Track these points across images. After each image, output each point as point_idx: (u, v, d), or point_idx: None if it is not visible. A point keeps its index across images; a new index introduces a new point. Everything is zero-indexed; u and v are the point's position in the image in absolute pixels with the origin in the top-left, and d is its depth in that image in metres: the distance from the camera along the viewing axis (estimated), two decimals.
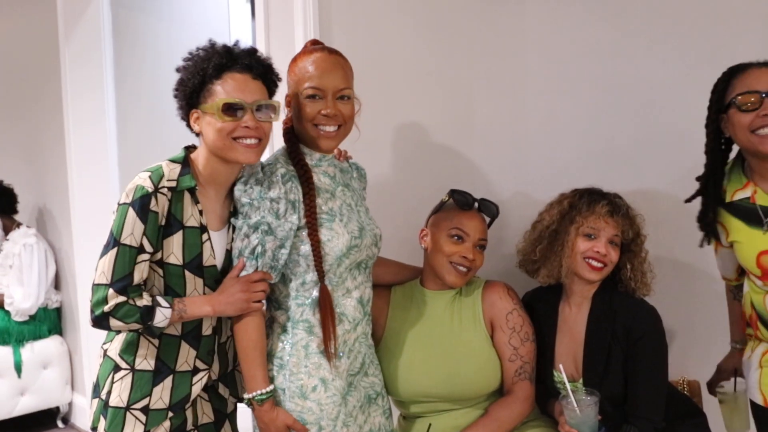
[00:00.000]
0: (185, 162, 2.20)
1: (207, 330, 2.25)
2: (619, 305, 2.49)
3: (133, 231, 2.07)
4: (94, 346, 3.24)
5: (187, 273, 2.17)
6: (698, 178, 2.37)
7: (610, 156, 2.87)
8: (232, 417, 2.42)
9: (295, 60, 2.33)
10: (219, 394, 2.34)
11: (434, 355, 2.52)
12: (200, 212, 2.19)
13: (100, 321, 2.08)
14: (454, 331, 2.55)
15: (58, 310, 5.03)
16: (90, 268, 2.22)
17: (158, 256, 2.14)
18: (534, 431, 2.52)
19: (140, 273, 2.09)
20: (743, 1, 2.69)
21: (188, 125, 2.23)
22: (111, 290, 2.05)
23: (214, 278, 2.21)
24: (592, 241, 2.45)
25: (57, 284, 5.03)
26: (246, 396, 2.24)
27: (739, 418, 2.58)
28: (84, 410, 4.85)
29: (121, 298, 2.06)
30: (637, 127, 2.85)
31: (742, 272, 2.45)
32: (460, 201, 2.56)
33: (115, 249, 2.07)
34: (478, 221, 2.55)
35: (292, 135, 2.32)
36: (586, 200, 2.48)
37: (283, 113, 2.33)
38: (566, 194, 2.55)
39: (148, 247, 2.09)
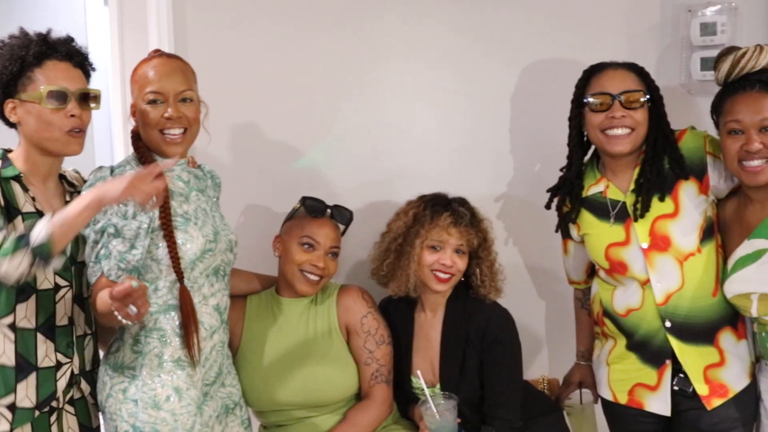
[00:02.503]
0: (3, 156, 2.17)
1: (61, 320, 2.18)
2: (472, 310, 2.54)
3: None
4: None
5: None
6: (561, 169, 2.46)
7: (467, 161, 2.94)
8: None
9: (135, 69, 2.31)
10: (85, 408, 2.28)
11: (290, 364, 2.52)
12: (33, 198, 2.15)
13: None
14: (310, 338, 2.55)
15: None
16: None
17: None
18: None
19: None
20: (594, 11, 2.84)
21: (1, 116, 2.18)
22: None
23: (63, 265, 2.15)
24: (438, 253, 2.49)
25: None
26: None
27: (587, 428, 2.69)
28: None
29: None
30: (492, 133, 2.93)
31: (590, 275, 2.56)
32: (311, 208, 2.57)
33: None
34: (330, 228, 2.57)
35: (141, 143, 2.28)
36: (430, 212, 2.51)
37: (130, 123, 2.32)
38: (412, 203, 2.58)
39: None
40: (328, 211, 2.60)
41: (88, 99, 2.19)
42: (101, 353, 2.36)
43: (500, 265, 2.59)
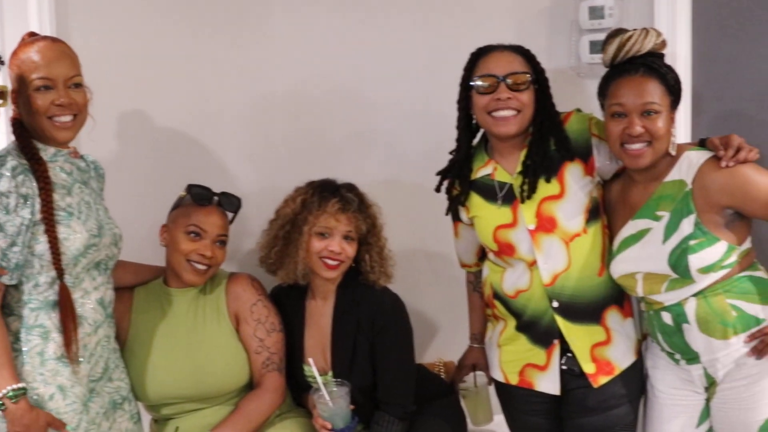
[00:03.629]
0: None
1: None
2: (362, 296, 2.54)
3: None
4: None
5: None
6: (451, 152, 2.46)
7: (357, 146, 2.94)
8: None
9: (15, 53, 2.21)
10: None
11: (179, 355, 2.48)
12: None
13: None
14: (199, 329, 2.50)
15: None
16: None
17: None
18: (287, 422, 2.53)
19: None
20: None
21: None
22: None
23: None
24: (326, 240, 2.48)
25: None
26: None
27: (482, 411, 2.71)
28: None
29: None
30: (383, 118, 2.93)
31: (481, 258, 2.57)
32: (198, 196, 2.52)
33: None
34: (217, 216, 2.52)
35: (23, 130, 2.19)
36: (317, 198, 2.50)
37: (9, 110, 2.22)
38: (300, 189, 2.57)
39: None
40: (215, 198, 2.55)
41: None
42: None
43: (390, 250, 2.58)
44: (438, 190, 2.48)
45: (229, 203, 2.57)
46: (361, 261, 2.54)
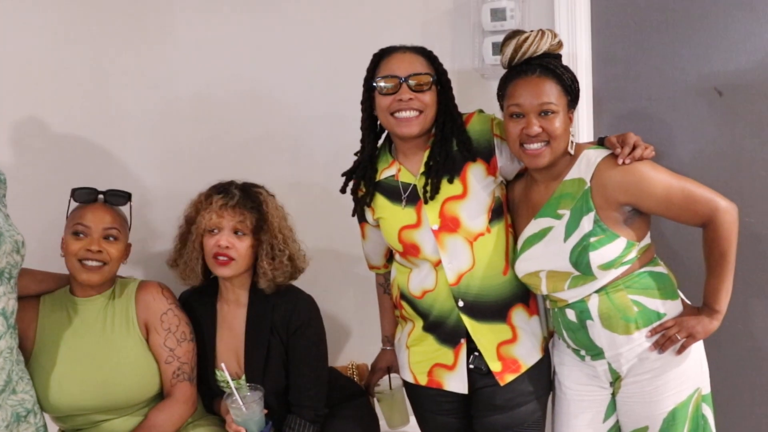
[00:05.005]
0: None
1: None
2: (275, 298, 2.53)
3: None
4: None
5: None
6: (356, 153, 2.46)
7: (263, 149, 2.94)
8: None
9: None
10: None
11: (86, 365, 2.43)
12: None
13: None
14: (107, 338, 2.46)
15: None
16: None
17: None
18: (199, 430, 2.50)
19: None
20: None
21: None
22: None
23: None
24: (215, 236, 2.48)
25: None
26: None
27: (398, 413, 2.70)
28: None
29: None
30: (288, 120, 2.93)
31: (389, 259, 2.58)
32: (80, 196, 2.51)
33: None
34: (103, 212, 2.48)
35: None
36: (204, 197, 2.51)
37: None
38: (201, 193, 2.57)
39: None
40: (100, 196, 2.51)
41: None
42: None
43: (299, 248, 2.58)
44: (343, 191, 2.48)
45: (116, 199, 2.53)
46: (258, 263, 2.52)
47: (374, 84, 2.32)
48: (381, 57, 2.35)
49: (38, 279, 2.53)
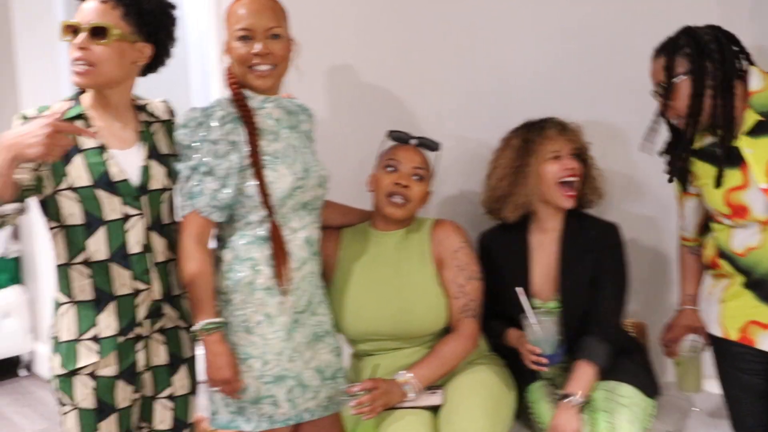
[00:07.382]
0: (75, 98, 2.21)
1: (134, 248, 2.19)
2: (585, 223, 2.62)
3: None
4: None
5: (99, 193, 2.12)
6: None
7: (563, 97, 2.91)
8: (191, 363, 2.38)
9: (228, 8, 2.32)
10: (176, 338, 2.31)
11: (383, 294, 2.53)
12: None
13: None
14: (403, 270, 2.55)
15: (17, 260, 4.99)
16: None
17: (65, 183, 2.10)
18: (478, 367, 2.54)
19: None
20: None
21: None
22: None
23: (131, 195, 2.17)
24: (559, 161, 2.56)
25: (15, 234, 4.97)
26: (194, 327, 2.23)
27: (693, 378, 2.57)
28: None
29: None
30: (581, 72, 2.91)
31: (702, 231, 2.50)
32: (396, 137, 2.62)
33: None
34: (413, 152, 2.57)
35: (234, 80, 2.31)
36: (536, 129, 2.59)
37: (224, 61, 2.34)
38: (511, 132, 2.64)
39: None
40: (413, 141, 2.61)
41: (96, 35, 2.12)
42: None
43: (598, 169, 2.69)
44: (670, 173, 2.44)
45: (426, 144, 2.63)
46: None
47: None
48: None
49: (343, 212, 2.67)
